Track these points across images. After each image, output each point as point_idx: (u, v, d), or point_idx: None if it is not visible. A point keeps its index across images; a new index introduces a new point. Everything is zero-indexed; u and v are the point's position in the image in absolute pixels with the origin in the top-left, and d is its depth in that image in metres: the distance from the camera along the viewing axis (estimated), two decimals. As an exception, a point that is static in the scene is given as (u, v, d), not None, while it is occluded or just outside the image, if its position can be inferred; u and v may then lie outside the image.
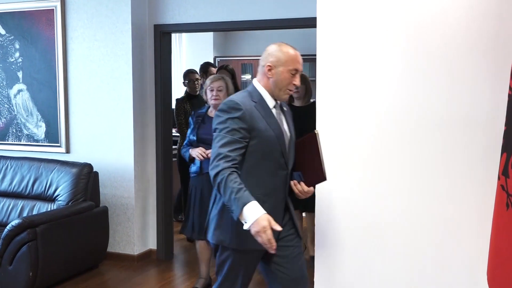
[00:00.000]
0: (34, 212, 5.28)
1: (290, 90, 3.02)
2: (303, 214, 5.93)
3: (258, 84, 3.06)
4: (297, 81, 3.00)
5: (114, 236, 5.66)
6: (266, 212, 2.71)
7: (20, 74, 5.88)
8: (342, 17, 3.61)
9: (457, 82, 3.39)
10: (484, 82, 3.34)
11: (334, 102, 3.67)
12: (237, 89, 5.89)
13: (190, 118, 4.86)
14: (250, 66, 10.09)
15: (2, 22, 5.89)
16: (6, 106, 5.99)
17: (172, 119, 5.97)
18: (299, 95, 5.49)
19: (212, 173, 2.81)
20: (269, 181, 2.98)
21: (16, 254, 4.64)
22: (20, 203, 5.42)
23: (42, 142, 5.86)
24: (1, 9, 5.86)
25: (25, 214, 5.28)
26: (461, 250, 3.48)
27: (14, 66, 5.90)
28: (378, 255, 3.65)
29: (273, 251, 2.73)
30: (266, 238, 2.67)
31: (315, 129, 3.16)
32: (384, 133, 3.56)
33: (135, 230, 5.63)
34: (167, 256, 5.81)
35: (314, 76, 3.97)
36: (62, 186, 5.26)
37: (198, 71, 6.55)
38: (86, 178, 5.28)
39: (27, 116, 5.90)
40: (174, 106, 6.13)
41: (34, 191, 5.39)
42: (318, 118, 3.76)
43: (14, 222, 4.68)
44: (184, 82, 6.44)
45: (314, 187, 3.11)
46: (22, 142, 5.95)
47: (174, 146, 6.15)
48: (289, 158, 3.04)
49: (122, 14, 5.41)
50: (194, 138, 4.66)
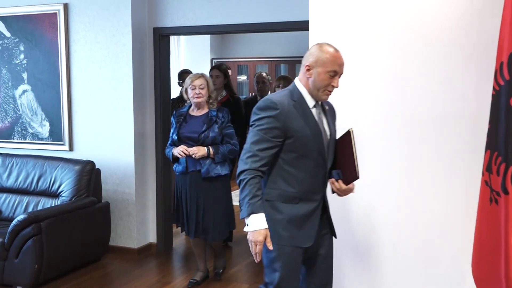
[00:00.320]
0: (39, 207, 5.27)
1: (329, 91, 2.88)
2: None
3: (299, 83, 2.94)
4: (336, 82, 2.85)
5: (115, 230, 5.66)
6: (267, 227, 2.72)
7: (24, 75, 5.86)
8: (334, 20, 3.62)
9: (444, 84, 3.41)
10: (470, 83, 3.36)
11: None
12: (229, 88, 5.87)
13: (172, 118, 4.74)
14: (246, 68, 10.07)
15: (7, 25, 5.87)
16: (11, 106, 5.97)
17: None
18: None
19: (239, 167, 2.78)
20: (306, 179, 2.88)
21: (22, 247, 4.64)
22: (25, 199, 5.42)
23: (46, 141, 5.85)
24: (6, 12, 5.84)
25: (30, 210, 5.28)
26: (448, 242, 3.49)
27: (19, 68, 5.88)
28: (368, 249, 3.65)
29: (256, 261, 2.76)
30: (256, 251, 2.72)
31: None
32: (373, 132, 3.57)
33: (136, 225, 5.63)
34: (167, 249, 5.81)
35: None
36: (65, 183, 5.25)
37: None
38: (89, 175, 5.28)
39: (32, 115, 5.88)
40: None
41: (38, 188, 5.39)
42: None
43: (20, 217, 4.67)
44: (179, 82, 6.43)
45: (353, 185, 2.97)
46: (27, 141, 5.94)
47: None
48: (327, 157, 2.92)
49: (122, 17, 5.40)
50: (176, 137, 4.55)
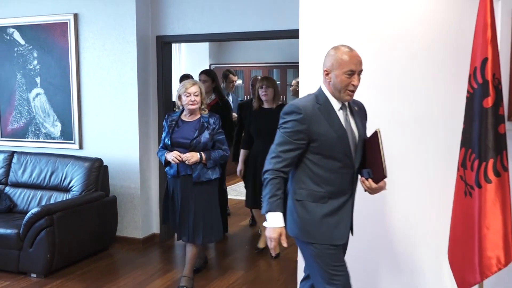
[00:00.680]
0: (51, 201, 5.26)
1: (351, 91, 2.74)
2: None
3: (323, 86, 2.82)
4: (355, 81, 2.71)
5: (122, 222, 5.65)
6: (284, 226, 2.71)
7: (38, 80, 5.84)
8: (321, 29, 3.62)
9: (423, 87, 3.41)
10: (446, 86, 3.37)
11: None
12: (218, 91, 5.69)
13: (164, 122, 4.40)
14: (241, 72, 10.06)
15: (22, 34, 5.85)
16: (26, 108, 5.95)
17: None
18: (268, 98, 5.08)
19: (265, 166, 2.74)
20: (334, 179, 2.76)
21: (35, 238, 4.63)
22: (39, 193, 5.40)
23: (58, 140, 5.83)
24: (21, 22, 5.82)
25: (43, 203, 5.26)
26: (425, 232, 3.50)
27: (32, 73, 5.86)
28: (355, 242, 3.66)
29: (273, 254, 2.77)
30: (271, 246, 2.73)
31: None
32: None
33: (140, 216, 5.62)
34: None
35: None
36: (76, 178, 5.25)
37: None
38: (97, 171, 5.27)
39: (45, 116, 5.87)
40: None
41: (51, 183, 5.37)
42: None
43: (34, 210, 4.67)
44: None
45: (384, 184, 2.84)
46: (40, 140, 5.92)
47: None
48: (355, 157, 2.79)
49: (128, 26, 5.39)
50: (169, 142, 4.25)
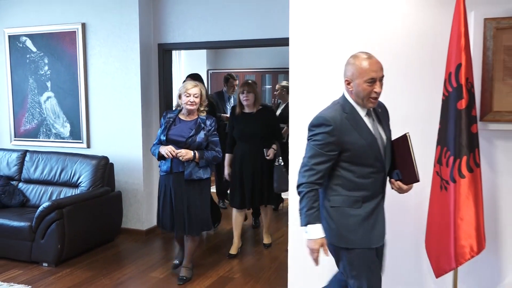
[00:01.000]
0: (61, 196, 5.25)
1: (374, 98, 2.55)
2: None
3: (347, 95, 2.63)
4: (377, 88, 2.52)
5: (126, 215, 5.64)
6: (323, 237, 2.55)
7: (48, 84, 5.82)
8: (309, 37, 3.63)
9: (404, 91, 3.42)
10: (424, 90, 3.38)
11: (305, 107, 3.68)
12: (206, 95, 5.58)
13: (162, 118, 4.29)
14: (236, 77, 10.05)
15: (34, 42, 5.83)
16: (37, 110, 5.93)
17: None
18: (249, 103, 4.86)
19: (298, 180, 2.58)
20: (367, 184, 2.59)
21: (47, 230, 4.62)
22: (49, 189, 5.38)
23: (67, 139, 5.82)
24: (32, 31, 5.80)
25: (53, 198, 5.25)
26: (403, 224, 3.51)
27: (43, 78, 5.84)
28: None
29: (316, 265, 2.59)
30: (313, 258, 2.57)
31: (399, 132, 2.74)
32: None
33: (144, 210, 5.62)
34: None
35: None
36: (84, 175, 5.24)
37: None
38: (104, 168, 5.26)
39: (55, 118, 5.85)
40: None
41: (61, 179, 5.36)
42: (291, 122, 3.73)
43: (45, 204, 4.66)
44: None
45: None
46: (51, 139, 5.91)
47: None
48: (385, 160, 2.63)
49: (131, 35, 5.38)
50: (164, 138, 4.12)
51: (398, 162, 2.65)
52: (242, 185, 4.92)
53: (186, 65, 9.68)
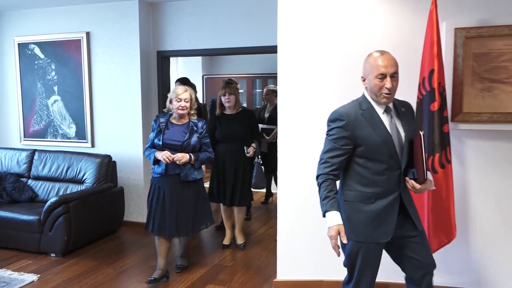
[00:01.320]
0: (68, 191, 5.23)
1: (386, 94, 2.43)
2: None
3: (365, 92, 2.55)
4: (388, 83, 2.41)
5: (128, 208, 5.63)
6: (342, 223, 2.39)
7: (55, 88, 5.80)
8: (296, 45, 3.64)
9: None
10: (402, 93, 3.39)
11: (292, 109, 3.70)
12: (195, 98, 5.41)
13: (153, 122, 4.05)
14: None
15: (42, 49, 5.81)
16: (45, 112, 5.91)
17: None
18: (230, 104, 4.73)
19: (317, 173, 2.50)
20: (380, 180, 2.46)
21: (54, 223, 4.61)
22: (57, 185, 5.36)
23: (73, 139, 5.80)
24: (40, 39, 5.77)
25: (60, 194, 5.23)
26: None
27: (51, 82, 5.81)
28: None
29: (337, 256, 2.40)
30: (332, 245, 2.38)
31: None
32: (322, 132, 3.59)
33: (144, 204, 5.60)
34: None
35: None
36: (88, 172, 5.22)
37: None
38: (107, 166, 5.25)
39: (61, 119, 5.83)
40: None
41: (67, 176, 5.34)
42: (280, 123, 3.72)
43: (53, 199, 4.64)
44: None
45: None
46: (58, 139, 5.88)
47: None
48: (401, 159, 2.48)
49: (132, 43, 5.38)
50: (160, 142, 3.88)
51: (414, 161, 2.50)
52: (224, 182, 4.81)
53: (183, 70, 9.67)
